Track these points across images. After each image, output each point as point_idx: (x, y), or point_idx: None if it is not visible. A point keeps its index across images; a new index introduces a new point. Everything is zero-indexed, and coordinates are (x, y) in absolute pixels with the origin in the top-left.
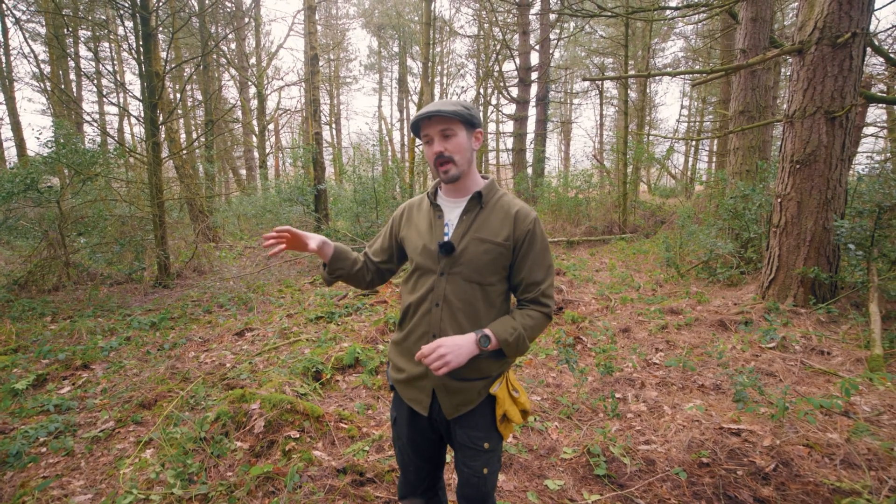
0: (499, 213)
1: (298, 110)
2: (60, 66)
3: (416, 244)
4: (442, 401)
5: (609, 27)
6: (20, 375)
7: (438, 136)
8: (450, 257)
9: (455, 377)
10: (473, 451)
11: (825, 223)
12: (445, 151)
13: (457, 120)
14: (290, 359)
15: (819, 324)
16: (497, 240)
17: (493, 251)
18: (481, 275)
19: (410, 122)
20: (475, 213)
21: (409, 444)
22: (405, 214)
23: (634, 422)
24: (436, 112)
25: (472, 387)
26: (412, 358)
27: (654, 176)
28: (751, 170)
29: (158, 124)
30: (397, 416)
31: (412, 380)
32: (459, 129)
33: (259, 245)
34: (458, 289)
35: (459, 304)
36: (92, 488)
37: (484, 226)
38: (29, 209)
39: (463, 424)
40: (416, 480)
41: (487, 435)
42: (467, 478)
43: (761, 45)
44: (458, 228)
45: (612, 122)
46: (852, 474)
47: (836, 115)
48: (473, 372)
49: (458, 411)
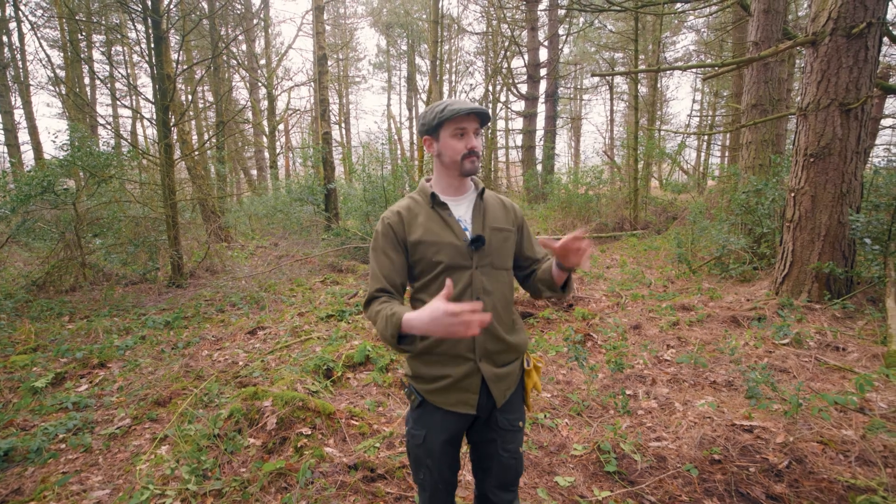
0: (495, 204)
1: (308, 110)
2: (75, 70)
3: (439, 244)
4: (494, 391)
5: (619, 21)
6: (39, 374)
7: (474, 133)
8: (479, 251)
9: (499, 364)
10: (513, 432)
11: (840, 217)
12: (475, 147)
13: (484, 123)
14: (302, 357)
15: (834, 319)
16: (508, 226)
17: (509, 238)
18: (504, 261)
19: (446, 113)
20: (483, 208)
21: (442, 458)
22: (404, 220)
23: (645, 418)
24: (478, 110)
25: (513, 369)
26: (454, 360)
27: (666, 171)
28: (764, 164)
29: (170, 126)
30: (427, 433)
31: (458, 381)
32: (480, 131)
33: (270, 245)
34: (491, 279)
35: (495, 292)
36: (109, 484)
37: (495, 216)
38: (46, 211)
39: (503, 409)
40: (446, 496)
41: (521, 413)
42: (506, 462)
43: (774, 37)
44: (476, 223)
45: (623, 118)
46: (867, 471)
47: (851, 107)
48: (513, 354)
49: (506, 397)
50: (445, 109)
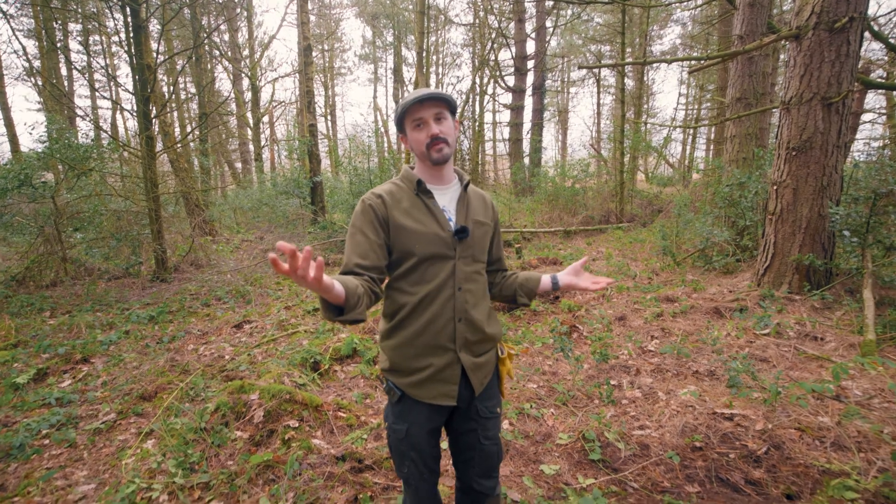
0: (477, 198)
1: (293, 102)
2: (51, 59)
3: (422, 233)
4: (472, 379)
5: (606, 14)
6: (21, 370)
7: (433, 118)
8: (463, 242)
9: (477, 354)
10: (493, 419)
11: (821, 210)
12: (441, 133)
13: (447, 105)
14: (289, 350)
15: (813, 310)
16: (487, 220)
17: (487, 232)
18: (482, 254)
19: (401, 107)
20: (466, 200)
21: (426, 451)
22: (387, 203)
23: (629, 408)
24: (431, 95)
25: (489, 359)
26: (435, 350)
27: (652, 165)
28: (747, 157)
29: (151, 118)
30: (409, 427)
31: (438, 372)
32: (448, 114)
33: (256, 238)
34: (469, 270)
35: (474, 283)
36: (95, 478)
37: (476, 209)
38: (24, 205)
39: (482, 397)
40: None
41: (498, 399)
42: (488, 450)
43: (759, 30)
44: (460, 214)
45: (610, 111)
46: (842, 456)
47: (832, 101)
48: (489, 343)
49: (483, 385)
50: (401, 103)
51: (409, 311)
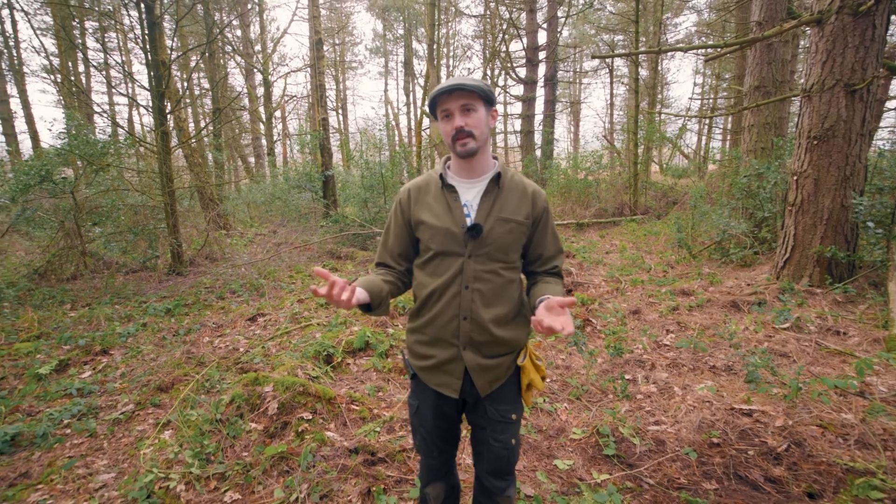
0: (515, 191)
1: (305, 96)
2: (69, 57)
3: (436, 228)
4: (476, 380)
5: (619, 2)
6: (43, 361)
7: (459, 110)
8: (476, 239)
9: (486, 355)
10: (503, 423)
11: (843, 201)
12: (466, 126)
13: (477, 95)
14: (302, 343)
15: (835, 304)
16: (518, 218)
17: (515, 230)
18: (505, 253)
19: (429, 98)
20: (495, 194)
21: (433, 430)
22: (412, 197)
23: (644, 403)
24: (458, 86)
25: (501, 362)
26: (440, 343)
27: (666, 156)
28: (766, 147)
29: (166, 113)
30: (419, 404)
31: (442, 364)
32: (479, 105)
33: (269, 232)
34: (484, 269)
35: (487, 284)
36: (115, 467)
37: (505, 206)
38: (45, 200)
39: (493, 399)
40: (439, 465)
41: (514, 406)
42: (497, 452)
43: (778, 16)
44: (481, 210)
45: (623, 102)
46: (867, 454)
47: (856, 88)
48: (501, 348)
49: (492, 387)
50: (430, 93)
51: (423, 301)
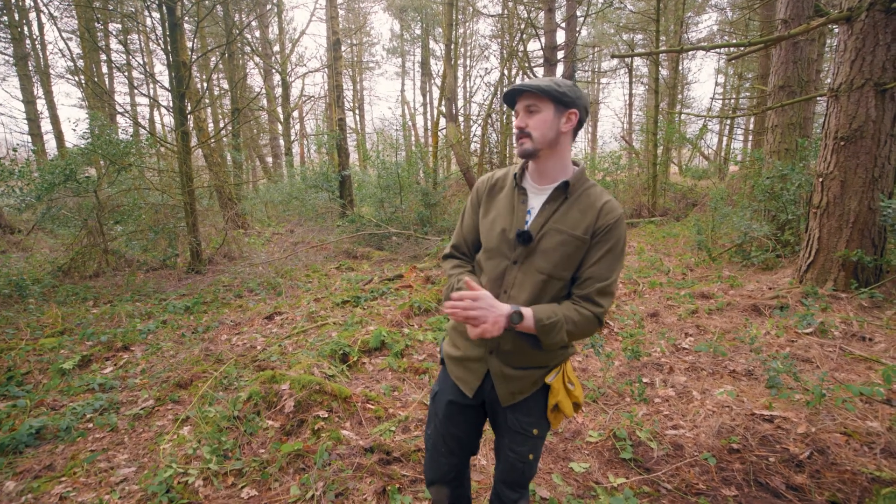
0: (582, 204)
1: (322, 97)
2: (93, 59)
3: (495, 225)
4: (498, 387)
5: (639, 1)
6: (67, 356)
7: (524, 110)
8: (526, 247)
9: (512, 366)
10: (522, 436)
11: (871, 203)
12: (526, 127)
13: (544, 97)
14: (318, 342)
15: (861, 309)
16: (575, 232)
17: (569, 244)
18: (554, 267)
19: (505, 94)
20: (559, 203)
21: (445, 420)
22: (488, 188)
23: (662, 407)
24: (519, 87)
25: (528, 375)
26: (470, 341)
27: (686, 157)
28: (790, 148)
29: (186, 113)
30: (439, 390)
31: (465, 360)
32: (546, 107)
33: (286, 231)
34: (528, 280)
35: (526, 295)
36: (135, 462)
37: (565, 217)
38: (69, 199)
39: (515, 409)
40: (446, 467)
41: (538, 422)
42: (512, 463)
43: (805, 13)
44: (539, 217)
45: (642, 102)
46: (893, 464)
47: (887, 87)
48: (530, 360)
49: (514, 399)
50: (504, 91)
51: None
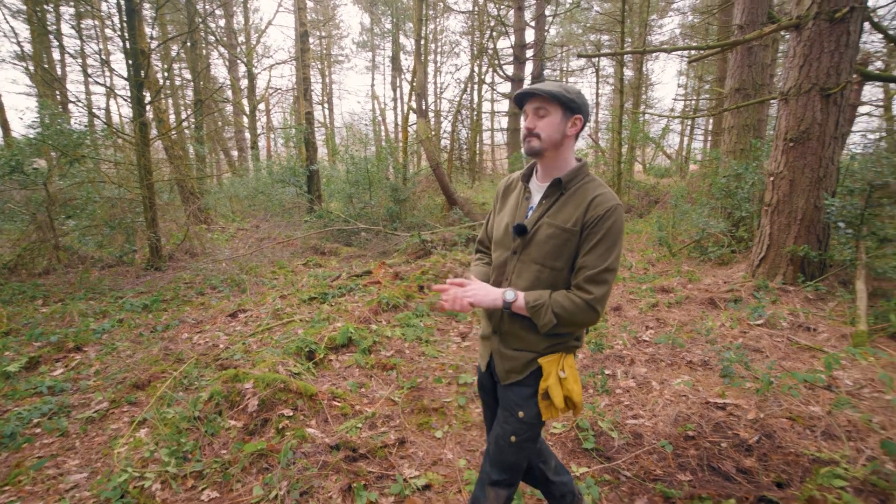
0: (578, 198)
1: (290, 89)
2: (42, 44)
3: (502, 220)
4: (496, 364)
5: (606, 2)
6: (12, 358)
7: (533, 113)
8: (522, 239)
9: (508, 346)
10: (510, 414)
11: (816, 201)
12: (535, 128)
13: (554, 101)
14: (284, 339)
15: (807, 301)
16: (566, 225)
17: (559, 236)
18: (545, 258)
19: (515, 95)
20: (554, 198)
21: (479, 388)
22: (504, 188)
23: (623, 397)
24: (528, 91)
25: (519, 356)
26: (487, 319)
27: (649, 156)
28: (745, 148)
29: (145, 104)
30: (480, 364)
31: (483, 338)
32: (555, 111)
33: (251, 227)
34: (525, 269)
35: (524, 283)
36: (87, 467)
37: (560, 211)
38: (15, 192)
39: (511, 388)
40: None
41: (525, 404)
42: (496, 438)
43: (759, 20)
44: (536, 212)
45: (608, 101)
46: (832, 445)
47: (831, 92)
48: (523, 343)
49: (510, 378)
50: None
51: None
